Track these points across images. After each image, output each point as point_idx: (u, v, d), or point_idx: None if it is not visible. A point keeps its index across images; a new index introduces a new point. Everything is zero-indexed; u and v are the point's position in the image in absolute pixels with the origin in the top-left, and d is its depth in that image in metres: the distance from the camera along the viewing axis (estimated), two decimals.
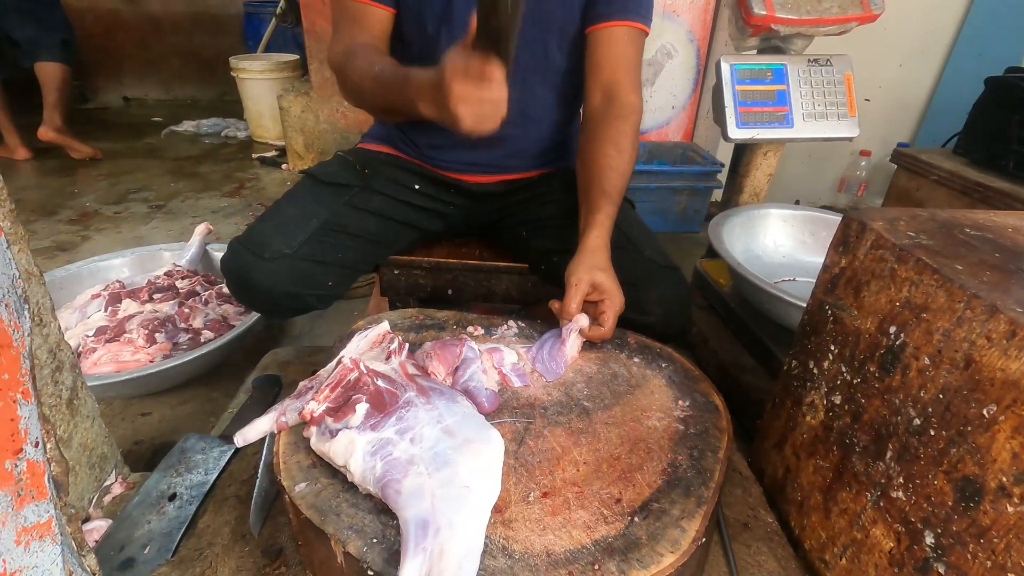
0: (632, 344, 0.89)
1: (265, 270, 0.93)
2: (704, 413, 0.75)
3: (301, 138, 2.96)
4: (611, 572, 0.53)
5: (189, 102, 4.63)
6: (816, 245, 1.31)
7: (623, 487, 0.63)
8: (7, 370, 0.39)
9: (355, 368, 0.68)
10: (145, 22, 4.41)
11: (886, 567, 0.62)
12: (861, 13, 1.13)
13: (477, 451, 0.60)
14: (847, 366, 0.69)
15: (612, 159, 0.94)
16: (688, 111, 2.49)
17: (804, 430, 0.78)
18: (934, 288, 0.56)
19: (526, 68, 1.01)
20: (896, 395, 0.61)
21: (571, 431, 0.71)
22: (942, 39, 2.34)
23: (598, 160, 0.94)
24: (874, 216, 0.68)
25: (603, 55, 0.99)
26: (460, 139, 1.09)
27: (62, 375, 0.72)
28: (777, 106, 1.21)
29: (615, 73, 0.98)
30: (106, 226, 2.32)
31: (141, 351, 1.24)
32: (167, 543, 0.73)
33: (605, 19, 0.97)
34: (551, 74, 1.05)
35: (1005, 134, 1.37)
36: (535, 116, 1.08)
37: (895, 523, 0.60)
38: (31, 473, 0.40)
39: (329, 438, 0.61)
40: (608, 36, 0.98)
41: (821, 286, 0.75)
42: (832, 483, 0.71)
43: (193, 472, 0.84)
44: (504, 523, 0.58)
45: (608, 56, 0.98)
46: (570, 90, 1.10)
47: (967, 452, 0.52)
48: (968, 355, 0.52)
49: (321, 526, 0.56)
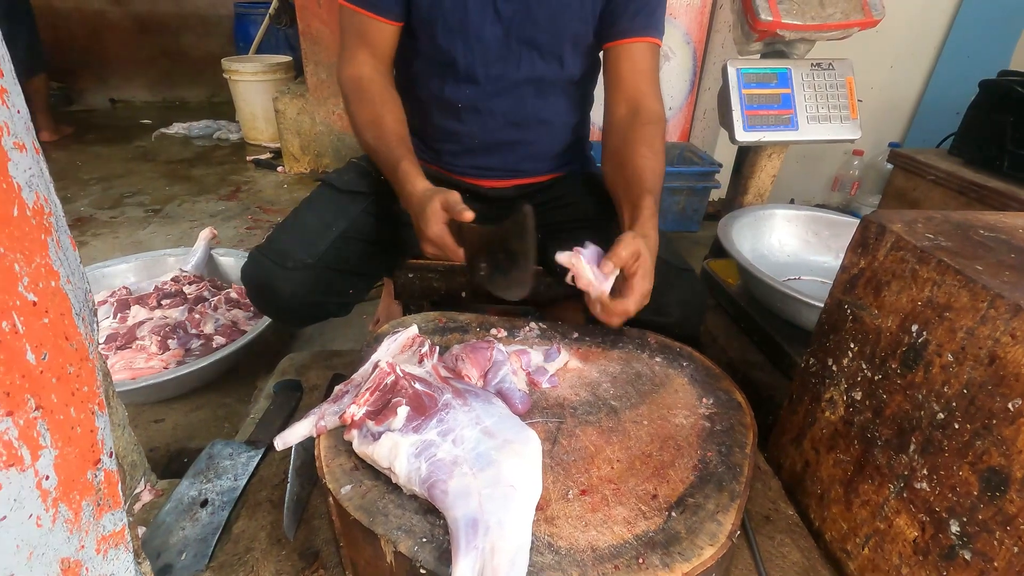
0: (653, 344, 0.91)
1: (288, 279, 0.94)
2: (728, 410, 0.77)
3: (297, 140, 2.95)
4: (655, 565, 0.55)
5: (178, 104, 4.58)
6: (819, 244, 1.34)
7: (658, 483, 0.65)
8: (86, 382, 0.40)
9: (392, 372, 0.69)
10: (131, 23, 4.36)
11: (911, 555, 0.64)
12: (863, 19, 1.16)
13: (518, 451, 0.62)
14: (868, 363, 0.72)
15: (648, 160, 0.94)
16: (685, 112, 2.52)
17: (823, 425, 0.80)
18: (957, 288, 0.59)
19: (542, 75, 1.03)
20: (919, 390, 0.63)
21: (602, 430, 0.73)
22: (931, 42, 2.40)
23: (635, 160, 0.95)
24: (892, 219, 0.71)
25: (626, 70, 1.01)
26: (474, 144, 1.11)
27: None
28: (782, 109, 1.24)
29: (639, 86, 1.01)
30: (103, 231, 2.30)
31: (155, 358, 1.23)
32: (203, 549, 0.73)
33: (627, 35, 0.99)
34: (565, 82, 1.06)
35: (999, 135, 1.41)
36: (549, 121, 1.09)
37: (919, 513, 0.63)
38: (108, 483, 0.41)
39: (372, 441, 0.62)
40: (630, 51, 1.00)
41: (840, 286, 0.77)
42: (853, 476, 0.74)
43: (223, 478, 0.84)
44: (547, 520, 0.60)
45: (631, 71, 1.01)
46: (581, 95, 1.12)
47: (992, 444, 0.55)
48: (992, 352, 0.55)
49: (370, 527, 0.57)
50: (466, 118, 1.06)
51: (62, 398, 0.37)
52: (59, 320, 0.38)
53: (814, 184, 2.71)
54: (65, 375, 0.37)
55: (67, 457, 0.37)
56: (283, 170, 3.06)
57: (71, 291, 0.39)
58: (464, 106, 1.05)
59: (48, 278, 0.37)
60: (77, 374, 0.39)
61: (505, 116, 1.06)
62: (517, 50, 1.00)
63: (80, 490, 0.38)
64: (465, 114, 1.06)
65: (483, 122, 1.07)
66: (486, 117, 1.06)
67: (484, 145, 1.09)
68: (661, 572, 0.54)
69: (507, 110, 1.05)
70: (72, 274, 0.40)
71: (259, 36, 3.72)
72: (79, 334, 0.39)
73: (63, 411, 0.37)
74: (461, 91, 1.04)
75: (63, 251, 0.40)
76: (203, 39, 4.53)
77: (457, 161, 1.12)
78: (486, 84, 1.02)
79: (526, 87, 1.04)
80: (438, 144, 1.12)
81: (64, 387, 0.37)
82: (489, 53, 1.00)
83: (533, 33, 0.98)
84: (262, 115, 3.37)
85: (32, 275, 0.35)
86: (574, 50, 1.03)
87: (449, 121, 1.08)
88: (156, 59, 4.49)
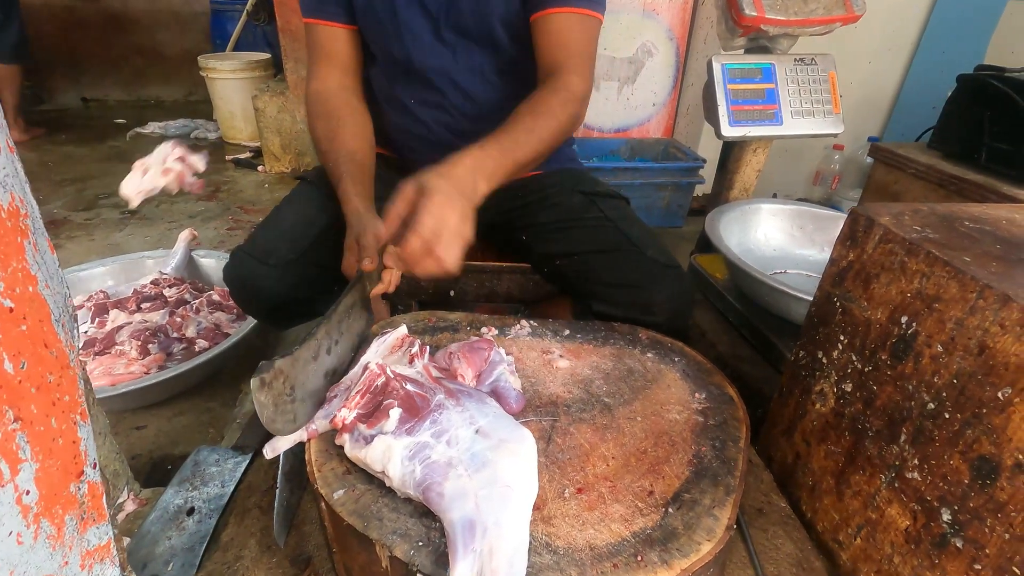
0: (644, 339, 0.91)
1: (272, 277, 0.92)
2: (721, 405, 0.77)
3: (278, 139, 2.90)
4: (653, 563, 0.55)
5: (153, 103, 4.49)
6: (804, 238, 1.35)
7: (653, 479, 0.65)
8: (67, 391, 0.38)
9: (382, 373, 0.68)
10: (104, 19, 4.25)
11: (902, 544, 0.65)
12: (845, 14, 1.17)
13: (513, 451, 0.61)
14: (857, 355, 0.72)
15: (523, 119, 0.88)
16: (669, 108, 2.53)
17: (814, 417, 0.81)
18: (946, 279, 0.60)
19: (482, 63, 1.02)
20: (909, 381, 0.64)
21: (596, 427, 0.72)
22: (908, 38, 2.44)
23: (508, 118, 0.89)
24: (880, 212, 0.71)
25: (546, 42, 0.96)
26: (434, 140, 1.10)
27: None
28: (767, 104, 1.24)
29: (557, 57, 0.95)
30: (78, 234, 2.24)
31: (135, 363, 1.20)
32: (191, 558, 0.72)
33: (546, 6, 0.94)
34: (507, 65, 1.04)
35: (977, 129, 1.44)
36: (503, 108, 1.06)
37: (911, 502, 0.64)
38: (92, 495, 0.40)
39: (364, 444, 0.61)
40: (549, 22, 0.95)
41: (829, 279, 0.78)
42: (845, 467, 0.74)
43: (209, 485, 0.82)
44: (544, 520, 0.59)
45: (550, 43, 0.96)
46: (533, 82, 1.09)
47: (983, 433, 0.55)
48: (982, 341, 0.55)
49: (365, 532, 0.56)
50: (421, 115, 1.07)
51: (42, 408, 0.35)
52: (37, 327, 0.36)
53: (796, 178, 2.75)
54: (45, 384, 0.36)
55: (49, 470, 0.36)
56: (264, 169, 3.01)
57: (49, 296, 0.37)
58: (416, 102, 1.06)
59: (25, 283, 0.35)
60: (58, 383, 0.37)
61: (457, 109, 1.06)
62: (452, 41, 1.00)
63: (63, 504, 0.37)
64: (419, 111, 1.06)
65: (436, 117, 1.07)
66: (438, 112, 1.06)
67: (445, 140, 1.07)
68: (660, 569, 0.54)
69: (458, 103, 1.05)
70: (50, 278, 0.38)
71: (236, 33, 3.65)
72: (59, 341, 0.38)
73: (43, 422, 0.35)
74: (410, 88, 1.04)
75: (40, 254, 0.38)
76: (178, 36, 4.44)
77: (423, 159, 1.10)
78: (431, 78, 1.02)
79: (469, 76, 1.03)
80: (402, 144, 1.12)
81: (44, 397, 0.36)
82: (424, 47, 1.00)
83: (461, 21, 0.98)
84: (241, 114, 3.32)
85: (8, 280, 0.34)
86: (507, 33, 1.00)
87: (406, 119, 1.08)
88: (129, 57, 4.39)
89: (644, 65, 2.40)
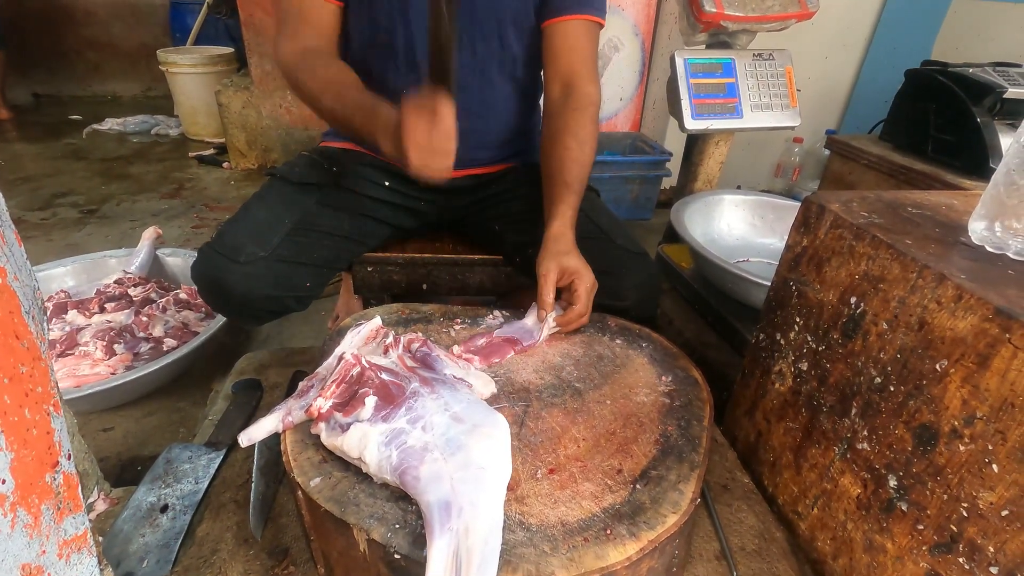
0: (613, 327, 0.93)
1: (241, 274, 0.92)
2: (686, 387, 0.81)
3: (243, 135, 2.85)
4: (622, 535, 0.57)
5: (110, 98, 4.34)
6: (765, 227, 1.40)
7: (622, 458, 0.68)
8: (39, 383, 0.38)
9: (357, 363, 0.69)
10: (55, 11, 4.08)
11: (854, 511, 0.69)
12: (799, 11, 1.22)
13: (487, 434, 0.63)
14: (812, 335, 0.76)
15: (572, 151, 0.97)
16: (636, 102, 2.58)
17: (773, 396, 0.85)
18: (889, 261, 0.64)
19: (484, 59, 1.03)
20: (858, 358, 0.68)
21: (567, 411, 0.75)
22: (861, 34, 2.54)
23: (559, 152, 0.97)
24: (831, 199, 0.75)
25: (560, 47, 1.01)
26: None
27: None
28: (727, 98, 1.29)
29: (572, 64, 1.01)
30: (34, 234, 2.16)
31: (101, 364, 1.18)
32: (166, 554, 0.71)
33: (561, 13, 1.00)
34: (509, 64, 1.06)
35: (923, 121, 1.51)
36: (496, 106, 1.09)
37: (861, 471, 0.68)
38: (67, 485, 0.40)
39: (340, 432, 0.62)
40: (564, 29, 1.00)
41: (785, 264, 0.82)
42: (802, 442, 0.79)
43: (183, 482, 0.82)
44: (518, 500, 0.61)
45: (565, 48, 1.01)
46: (528, 80, 1.12)
47: (923, 403, 0.59)
48: (921, 318, 0.59)
49: (342, 517, 0.57)
50: None
51: (15, 399, 0.36)
52: (8, 319, 0.36)
53: (759, 171, 2.83)
54: (18, 375, 0.36)
55: (24, 460, 0.36)
56: (229, 166, 2.95)
57: (19, 288, 0.37)
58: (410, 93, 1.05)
59: None
60: (30, 374, 0.37)
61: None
62: (460, 34, 1.00)
63: (39, 493, 0.37)
64: None
65: None
66: None
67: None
68: (628, 541, 0.56)
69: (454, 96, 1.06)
70: (19, 271, 0.39)
71: (197, 26, 3.56)
72: (30, 333, 0.38)
73: (17, 412, 0.36)
74: (403, 78, 1.03)
75: (8, 247, 0.38)
76: (135, 29, 4.29)
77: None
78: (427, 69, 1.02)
79: (470, 72, 1.03)
80: None
81: (17, 388, 0.36)
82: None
83: (473, 13, 0.98)
84: (204, 109, 3.24)
85: None
86: (515, 31, 1.02)
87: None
88: (83, 51, 4.23)
89: (611, 60, 2.43)
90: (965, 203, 0.78)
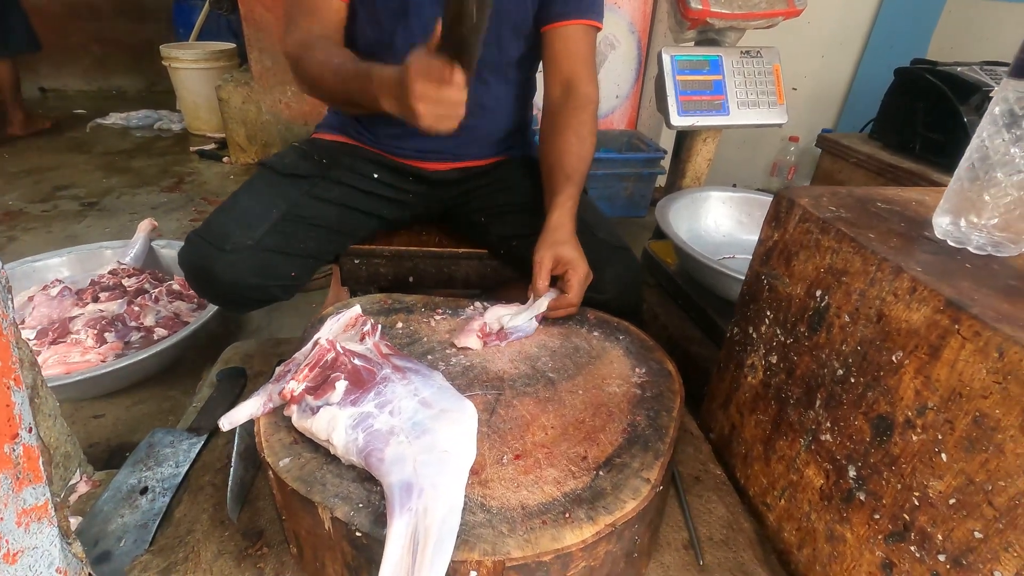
0: (591, 319, 0.95)
1: (227, 262, 0.93)
2: (659, 378, 0.82)
3: (243, 130, 2.87)
4: (580, 519, 0.58)
5: (114, 93, 4.37)
6: (752, 224, 1.41)
7: (588, 446, 0.69)
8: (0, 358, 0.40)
9: (331, 348, 0.70)
10: (61, 7, 4.12)
11: (818, 501, 0.70)
12: (786, 8, 1.22)
13: (454, 419, 0.65)
14: (781, 328, 0.77)
15: (573, 145, 1.00)
16: (631, 100, 2.58)
17: (746, 389, 0.86)
18: (851, 254, 0.64)
19: (481, 61, 1.04)
20: (823, 351, 0.69)
21: (539, 400, 0.76)
22: (858, 32, 2.54)
23: (560, 146, 1.00)
24: (801, 194, 0.76)
25: (560, 51, 1.04)
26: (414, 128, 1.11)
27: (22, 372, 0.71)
28: (714, 95, 1.29)
29: (573, 68, 1.04)
30: (34, 225, 2.19)
31: (91, 351, 1.20)
32: (143, 535, 0.73)
33: (563, 18, 1.02)
34: (505, 66, 1.08)
35: (912, 120, 1.51)
36: (490, 106, 1.11)
37: (824, 462, 0.69)
38: (27, 457, 0.42)
39: (311, 415, 0.64)
40: (564, 34, 1.03)
41: (757, 258, 0.83)
42: (771, 434, 0.79)
43: (163, 465, 0.84)
44: (481, 483, 0.62)
45: (566, 52, 1.04)
46: (523, 80, 1.14)
47: (880, 394, 0.60)
48: (880, 310, 0.60)
49: (308, 496, 0.58)
50: None
51: None
52: None
53: (754, 170, 2.83)
54: None
55: None
56: (229, 160, 2.97)
57: None
58: None
59: None
60: None
61: None
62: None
63: None
64: None
65: None
66: None
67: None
68: (586, 524, 0.58)
69: None
70: None
71: (199, 22, 3.58)
72: None
73: None
74: None
75: None
76: (140, 25, 4.32)
77: (399, 144, 1.13)
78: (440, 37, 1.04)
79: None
80: (378, 127, 1.12)
81: None
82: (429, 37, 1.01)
83: None
84: (205, 104, 3.26)
85: None
86: (513, 35, 1.05)
87: None
88: (88, 46, 4.27)
89: (607, 58, 2.44)
90: (935, 199, 0.78)
